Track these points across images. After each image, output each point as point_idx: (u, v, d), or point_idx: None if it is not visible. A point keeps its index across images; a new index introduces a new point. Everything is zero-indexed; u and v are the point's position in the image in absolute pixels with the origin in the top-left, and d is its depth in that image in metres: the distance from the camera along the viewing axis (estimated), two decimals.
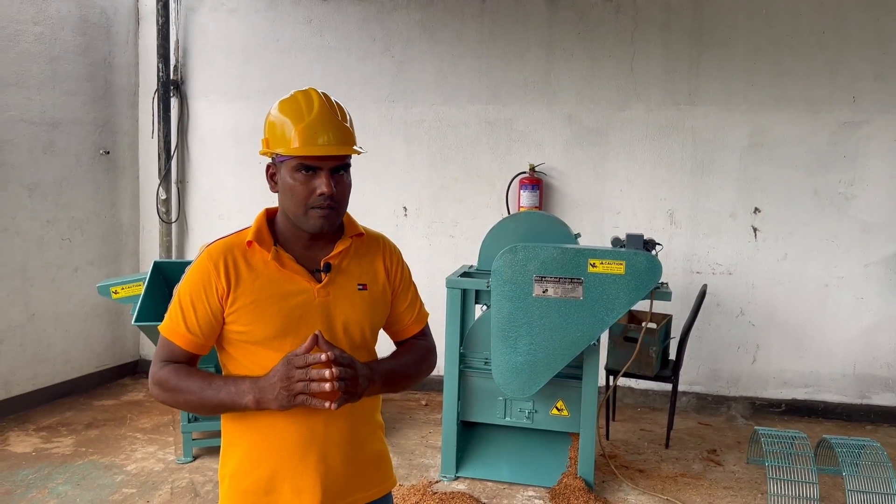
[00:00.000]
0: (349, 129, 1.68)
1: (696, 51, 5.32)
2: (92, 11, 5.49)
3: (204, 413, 1.72)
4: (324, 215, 1.65)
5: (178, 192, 5.99)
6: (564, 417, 4.04)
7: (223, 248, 1.68)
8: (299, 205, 1.64)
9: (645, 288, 3.68)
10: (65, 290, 5.41)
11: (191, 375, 1.64)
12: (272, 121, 1.69)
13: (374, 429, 1.83)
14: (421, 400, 5.59)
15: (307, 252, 1.72)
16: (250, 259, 1.68)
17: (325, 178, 1.63)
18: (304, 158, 1.63)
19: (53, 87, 5.22)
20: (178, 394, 1.63)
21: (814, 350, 5.38)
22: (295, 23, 5.75)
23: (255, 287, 1.65)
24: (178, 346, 1.67)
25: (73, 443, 4.60)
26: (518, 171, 5.52)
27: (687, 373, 5.36)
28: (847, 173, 5.24)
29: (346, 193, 1.70)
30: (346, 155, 1.66)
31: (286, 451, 1.67)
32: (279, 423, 1.66)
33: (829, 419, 5.35)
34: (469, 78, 5.58)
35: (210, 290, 1.64)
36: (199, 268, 1.67)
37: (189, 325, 1.65)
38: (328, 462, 1.69)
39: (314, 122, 1.63)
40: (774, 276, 5.37)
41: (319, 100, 1.68)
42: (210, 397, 1.61)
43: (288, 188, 1.65)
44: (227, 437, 1.76)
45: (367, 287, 1.77)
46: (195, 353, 1.69)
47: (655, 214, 5.46)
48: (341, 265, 1.74)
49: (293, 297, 1.66)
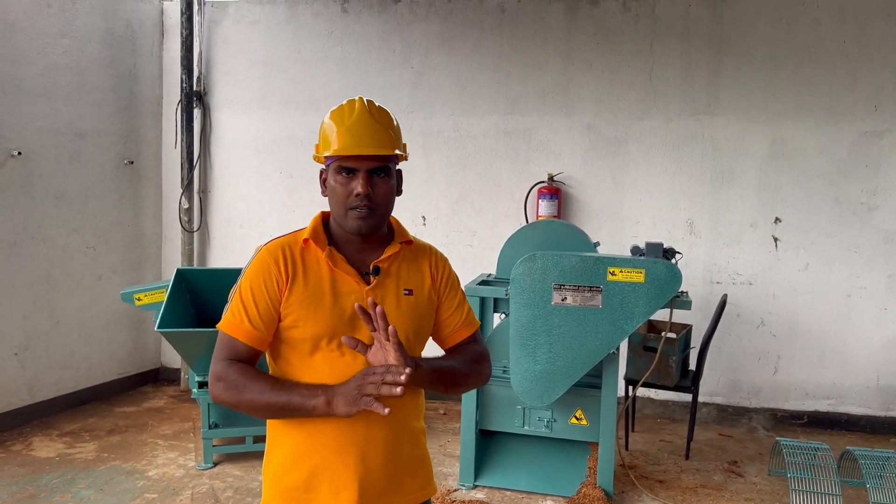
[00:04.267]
0: (387, 132, 1.73)
1: (715, 60, 5.31)
2: (118, 24, 5.61)
3: (263, 415, 1.72)
4: (361, 216, 1.70)
5: (201, 202, 6.07)
6: (583, 427, 4.03)
7: (281, 245, 1.75)
8: (340, 205, 1.71)
9: (665, 297, 3.66)
10: (88, 297, 5.50)
11: (259, 376, 1.68)
12: (322, 126, 1.77)
13: (415, 434, 1.84)
14: (439, 409, 5.59)
15: (358, 255, 1.77)
16: (305, 257, 1.74)
17: (362, 179, 1.68)
18: (341, 159, 1.70)
19: (80, 99, 5.32)
20: (243, 392, 1.65)
21: (836, 361, 5.32)
22: (316, 34, 5.82)
23: (309, 283, 1.71)
24: (241, 341, 1.70)
25: (96, 448, 4.65)
26: (537, 181, 5.54)
27: (707, 383, 5.32)
28: (869, 183, 5.20)
29: (386, 196, 1.74)
30: (383, 157, 1.71)
31: (327, 451, 1.70)
32: (322, 423, 1.69)
33: (852, 431, 5.28)
34: (488, 88, 5.62)
35: (270, 282, 1.70)
36: (258, 263, 1.73)
37: (252, 320, 1.69)
38: (367, 463, 1.71)
39: (352, 126, 1.70)
40: (796, 286, 5.33)
41: (361, 105, 1.74)
42: (278, 398, 1.63)
43: (331, 190, 1.73)
44: (272, 436, 1.79)
45: (412, 293, 1.81)
46: (257, 348, 1.72)
47: (675, 224, 5.44)
48: (390, 269, 1.79)
49: (343, 296, 1.71)
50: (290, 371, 1.73)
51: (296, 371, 1.72)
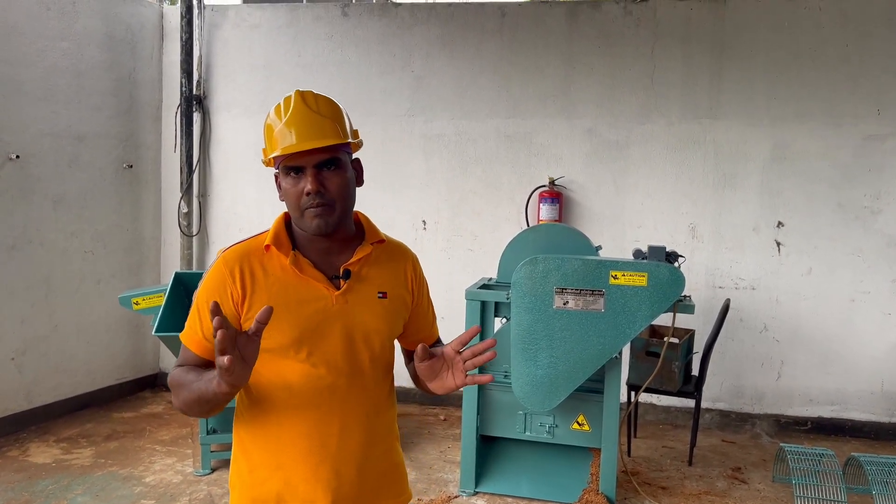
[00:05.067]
0: (328, 121, 1.60)
1: (717, 64, 5.29)
2: (118, 28, 5.59)
3: (200, 413, 1.56)
4: (317, 214, 1.58)
5: (200, 206, 6.04)
6: (585, 432, 3.98)
7: (239, 253, 1.64)
8: (294, 208, 1.61)
9: (667, 300, 3.63)
10: (87, 301, 5.46)
11: (190, 372, 1.57)
12: (265, 126, 1.66)
13: (389, 440, 1.78)
14: (440, 415, 5.54)
15: (326, 258, 1.67)
16: (267, 264, 1.63)
17: (310, 175, 1.57)
18: (285, 159, 1.58)
19: (79, 102, 5.30)
20: (180, 392, 1.56)
21: (840, 367, 5.28)
22: (316, 38, 5.81)
23: (271, 292, 1.60)
24: (193, 352, 1.63)
25: (93, 454, 4.61)
26: (538, 185, 5.51)
27: (710, 389, 5.27)
28: (872, 187, 5.16)
29: (341, 189, 1.61)
30: (329, 149, 1.59)
31: (299, 462, 1.62)
32: (292, 433, 1.62)
33: (856, 438, 5.23)
34: (488, 92, 5.60)
35: (225, 295, 1.60)
36: (214, 273, 1.63)
37: (205, 331, 1.60)
38: (341, 476, 1.64)
39: (289, 121, 1.59)
40: (799, 290, 5.29)
41: (297, 98, 1.63)
42: (193, 391, 1.50)
43: (284, 193, 1.63)
44: (238, 444, 1.71)
45: (387, 295, 1.71)
46: (211, 360, 1.61)
47: (677, 228, 5.41)
48: (361, 272, 1.69)
49: (310, 303, 1.61)
50: (261, 384, 1.63)
51: (266, 384, 1.62)
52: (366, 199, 5.86)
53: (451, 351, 1.62)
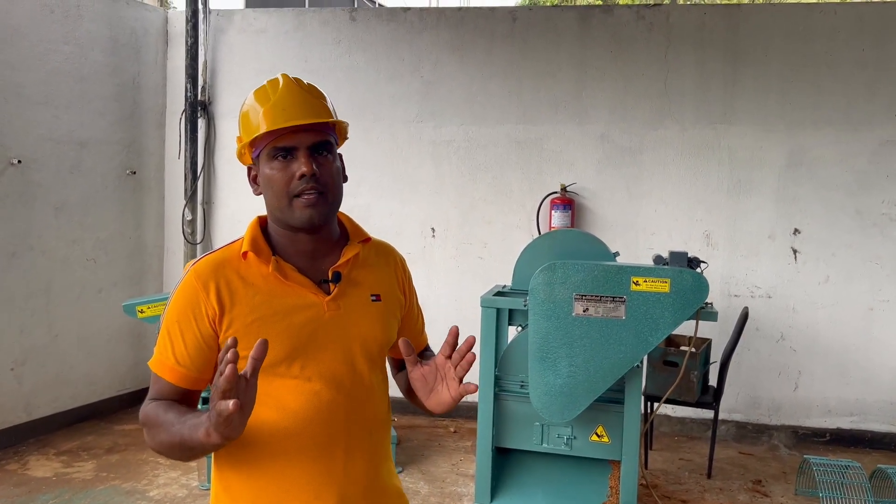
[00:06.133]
0: (321, 103, 1.49)
1: (731, 69, 5.21)
2: (121, 32, 5.50)
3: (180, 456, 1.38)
4: (310, 202, 1.43)
5: (204, 213, 5.93)
6: (605, 444, 3.86)
7: (213, 265, 1.46)
8: (281, 196, 1.44)
9: (691, 307, 3.52)
10: (88, 311, 5.33)
11: (169, 410, 1.39)
12: (243, 113, 1.52)
13: (389, 460, 1.63)
14: (450, 427, 5.41)
15: (310, 262, 1.51)
16: (245, 274, 1.46)
17: (304, 156, 1.43)
18: (273, 140, 1.43)
19: (81, 107, 5.20)
20: (158, 431, 1.37)
21: (859, 376, 5.17)
22: (323, 43, 5.72)
23: (254, 304, 1.43)
24: (166, 381, 1.44)
25: (94, 468, 4.47)
26: (549, 192, 5.41)
27: (726, 400, 5.14)
28: (890, 193, 5.08)
29: (333, 178, 1.48)
30: (322, 130, 1.46)
31: (300, 496, 1.43)
32: (290, 460, 1.43)
33: (876, 449, 5.12)
34: (499, 97, 5.51)
35: (199, 313, 1.42)
36: (185, 289, 1.45)
37: (178, 356, 1.42)
38: (348, 502, 1.47)
39: (279, 100, 1.45)
40: (816, 299, 5.19)
41: (286, 79, 1.50)
42: (177, 433, 1.31)
43: (267, 181, 1.45)
44: (219, 482, 1.49)
45: (380, 298, 1.57)
46: (187, 388, 1.45)
47: (691, 235, 5.31)
48: (351, 274, 1.54)
49: (300, 312, 1.45)
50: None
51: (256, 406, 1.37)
52: (373, 206, 5.80)
53: (442, 358, 1.47)
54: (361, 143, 5.43)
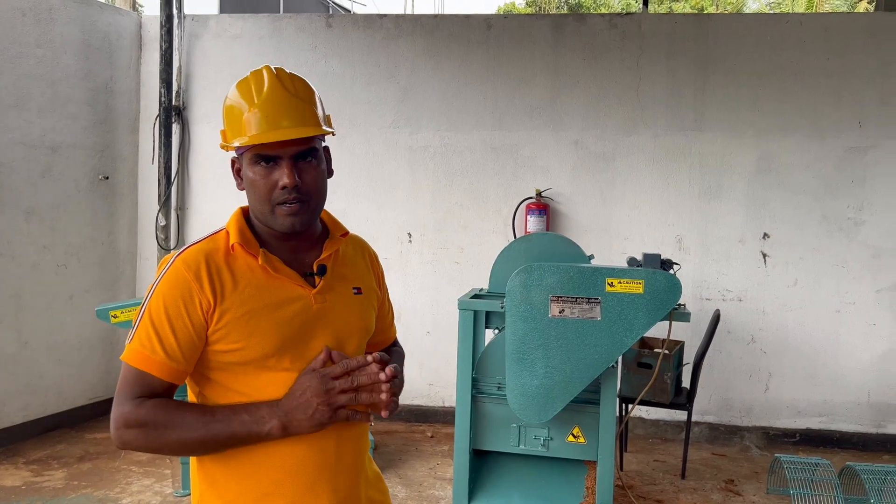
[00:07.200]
0: (309, 107, 1.46)
1: (701, 77, 5.32)
2: (95, 36, 5.45)
3: (201, 452, 1.44)
4: (292, 212, 1.43)
5: (178, 219, 5.88)
6: (581, 445, 3.89)
7: (201, 255, 1.44)
8: (263, 202, 1.44)
9: (665, 308, 3.57)
10: (59, 318, 5.25)
11: (184, 409, 1.40)
12: (227, 106, 1.49)
13: (368, 448, 1.65)
14: (427, 432, 5.41)
15: (294, 255, 1.52)
16: (233, 265, 1.45)
17: (287, 168, 1.41)
18: (257, 147, 1.42)
19: (54, 111, 5.14)
20: (169, 432, 1.37)
21: (827, 378, 5.28)
22: (299, 49, 5.73)
23: (244, 297, 1.42)
24: (155, 376, 1.40)
25: (65, 476, 4.39)
26: (524, 197, 5.46)
27: (698, 402, 5.22)
28: (855, 198, 5.21)
29: (317, 184, 1.47)
30: (307, 139, 1.44)
31: (294, 486, 1.44)
32: (282, 452, 1.43)
33: (844, 449, 5.22)
34: (475, 104, 5.56)
35: (192, 304, 1.39)
36: (174, 277, 1.41)
37: (169, 351, 1.39)
38: (339, 491, 1.48)
39: (263, 104, 1.41)
40: (785, 302, 5.30)
41: (271, 77, 1.45)
42: (218, 430, 1.37)
43: (250, 184, 1.45)
44: (203, 479, 1.48)
45: (361, 291, 1.60)
46: (173, 383, 1.42)
47: (664, 240, 5.39)
48: (334, 268, 1.56)
49: (288, 305, 1.46)
50: (231, 399, 1.44)
51: (229, 395, 1.44)
52: (349, 211, 5.79)
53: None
54: (337, 148, 5.41)
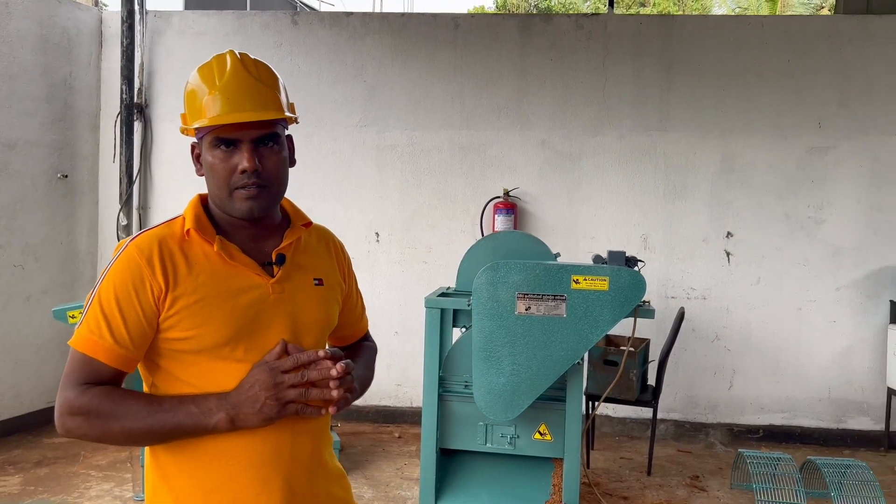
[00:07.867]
0: (271, 91, 1.44)
1: (666, 78, 5.38)
2: (53, 31, 5.32)
3: (147, 443, 1.42)
4: (251, 196, 1.41)
5: (140, 218, 5.76)
6: (548, 442, 3.89)
7: (154, 240, 1.41)
8: (222, 186, 1.42)
9: (629, 304, 3.59)
10: (15, 319, 5.11)
11: (129, 398, 1.36)
12: (188, 90, 1.46)
13: (330, 444, 1.62)
14: (394, 432, 5.37)
15: (252, 243, 1.49)
16: (188, 251, 1.42)
17: (247, 151, 1.40)
18: (216, 130, 1.40)
19: (10, 107, 5.00)
20: (112, 421, 1.34)
21: (790, 374, 5.36)
22: (264, 47, 5.65)
23: (198, 284, 1.39)
24: (102, 363, 1.36)
25: (21, 481, 4.27)
26: (492, 196, 5.47)
27: (664, 399, 5.27)
28: (815, 198, 5.31)
29: (278, 170, 1.45)
30: (268, 123, 1.42)
31: (246, 480, 1.40)
32: (236, 444, 1.39)
33: (806, 444, 5.30)
34: (442, 103, 5.54)
35: (143, 289, 1.36)
36: (125, 262, 1.38)
37: (117, 336, 1.35)
38: (293, 487, 1.45)
39: (225, 87, 1.40)
40: (748, 300, 5.37)
41: (234, 60, 1.43)
42: (164, 421, 1.34)
43: (209, 168, 1.43)
44: (156, 471, 1.45)
45: (323, 282, 1.56)
46: (123, 370, 1.39)
47: (629, 239, 5.43)
48: (293, 258, 1.53)
49: (244, 294, 1.42)
50: (181, 390, 1.41)
51: (176, 385, 1.42)
52: (316, 210, 5.69)
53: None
54: (304, 147, 5.37)
